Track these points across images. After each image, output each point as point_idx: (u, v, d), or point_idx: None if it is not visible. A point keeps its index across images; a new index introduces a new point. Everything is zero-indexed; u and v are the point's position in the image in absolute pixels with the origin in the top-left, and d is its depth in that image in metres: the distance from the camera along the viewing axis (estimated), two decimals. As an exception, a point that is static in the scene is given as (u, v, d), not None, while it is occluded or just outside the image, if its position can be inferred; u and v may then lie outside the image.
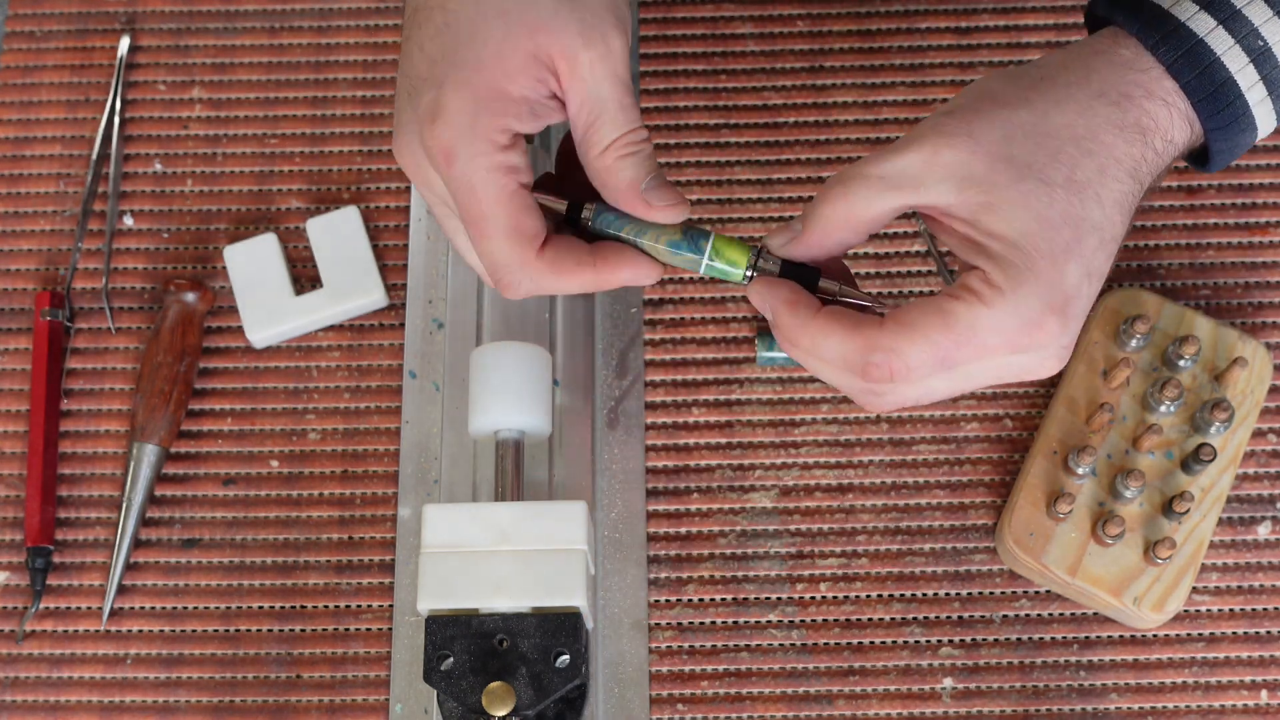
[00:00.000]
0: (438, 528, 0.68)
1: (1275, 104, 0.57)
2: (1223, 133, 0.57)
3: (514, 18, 0.55)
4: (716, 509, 0.76)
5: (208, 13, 0.86)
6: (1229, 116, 0.57)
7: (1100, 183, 0.54)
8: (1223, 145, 0.58)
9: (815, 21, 0.85)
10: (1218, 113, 0.56)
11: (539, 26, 0.55)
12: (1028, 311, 0.53)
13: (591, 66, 0.55)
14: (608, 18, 0.55)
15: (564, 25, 0.54)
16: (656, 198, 0.57)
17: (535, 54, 0.55)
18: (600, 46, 0.55)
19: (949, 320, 0.54)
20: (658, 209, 0.57)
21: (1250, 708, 0.72)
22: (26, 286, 0.81)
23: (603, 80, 0.55)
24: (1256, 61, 0.56)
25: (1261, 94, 0.57)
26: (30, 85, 0.85)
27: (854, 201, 0.55)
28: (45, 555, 0.75)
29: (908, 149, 0.55)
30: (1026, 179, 0.53)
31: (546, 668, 0.66)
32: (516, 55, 0.55)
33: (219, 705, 0.74)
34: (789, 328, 0.56)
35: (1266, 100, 0.57)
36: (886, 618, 0.74)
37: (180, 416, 0.77)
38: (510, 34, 0.55)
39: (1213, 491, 0.73)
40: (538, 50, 0.55)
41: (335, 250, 0.80)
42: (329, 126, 0.84)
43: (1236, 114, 0.57)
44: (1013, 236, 0.53)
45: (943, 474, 0.76)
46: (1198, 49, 0.56)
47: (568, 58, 0.55)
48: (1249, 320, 0.78)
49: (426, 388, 0.78)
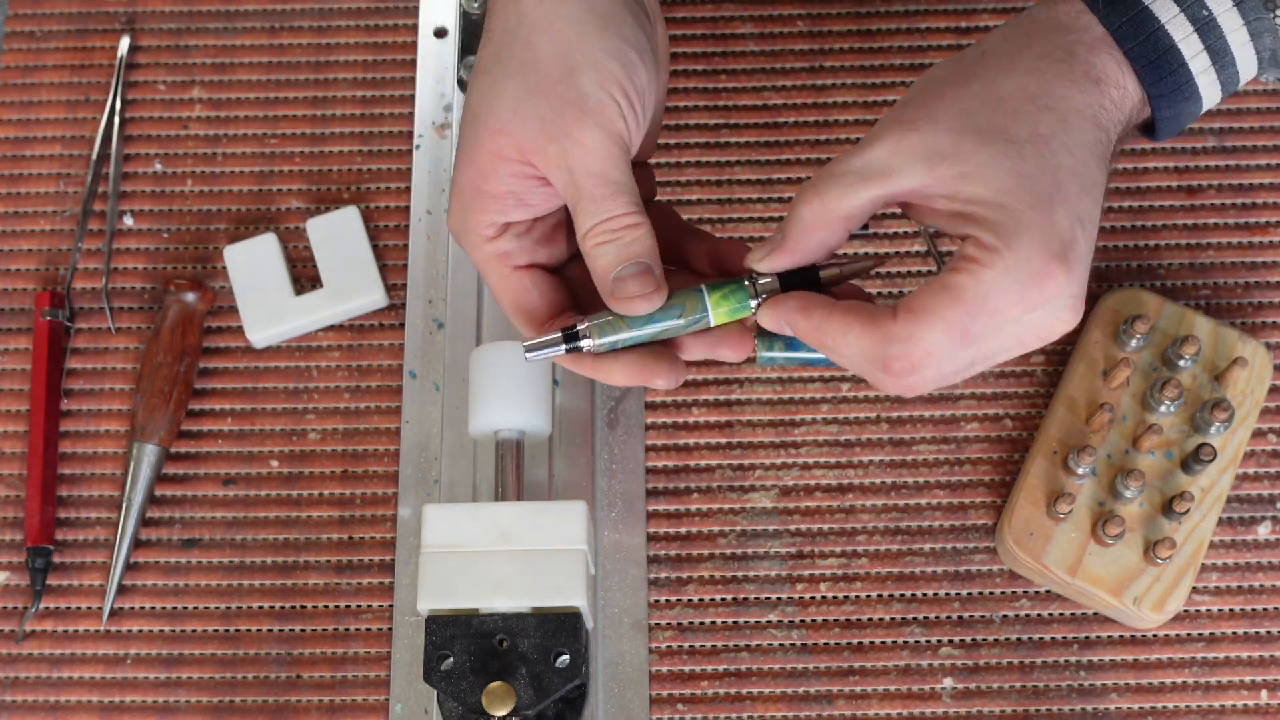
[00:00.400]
0: (438, 528, 0.68)
1: (1220, 75, 0.58)
2: (1166, 100, 0.57)
3: (481, 121, 0.57)
4: (716, 509, 0.76)
5: (208, 13, 0.86)
6: (1172, 84, 0.57)
7: (1065, 131, 0.55)
8: (1167, 113, 0.58)
9: (815, 21, 0.85)
10: (1160, 79, 0.57)
11: (499, 129, 0.57)
12: (1029, 264, 0.53)
13: (560, 159, 0.56)
14: (569, 111, 0.56)
15: (521, 125, 0.56)
16: (621, 288, 0.57)
17: (500, 154, 0.57)
18: (563, 140, 0.56)
19: (956, 294, 0.54)
20: (619, 300, 0.57)
21: (1250, 708, 0.72)
22: (26, 286, 0.81)
23: (573, 171, 0.56)
24: (1200, 31, 0.57)
25: (1205, 64, 0.57)
26: (30, 85, 0.85)
27: (828, 200, 0.56)
28: (45, 555, 0.75)
29: (873, 143, 0.55)
30: (992, 142, 0.54)
31: (546, 668, 0.66)
32: (484, 156, 0.58)
33: (219, 705, 0.74)
34: (808, 334, 0.57)
35: (1210, 70, 0.57)
36: (886, 618, 0.74)
37: (180, 416, 0.77)
38: (478, 137, 0.57)
39: (1213, 491, 0.73)
40: (501, 150, 0.57)
41: (335, 250, 0.80)
42: (329, 126, 0.84)
43: (1180, 82, 0.57)
44: (993, 197, 0.54)
45: (943, 474, 0.76)
46: (1141, 16, 0.56)
47: (535, 152, 0.57)
48: (1249, 320, 0.78)
49: (426, 388, 0.78)
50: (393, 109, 0.84)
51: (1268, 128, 0.82)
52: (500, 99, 0.57)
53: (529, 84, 0.56)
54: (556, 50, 0.56)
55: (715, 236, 0.63)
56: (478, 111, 0.57)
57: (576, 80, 0.56)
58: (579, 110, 0.56)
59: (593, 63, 0.56)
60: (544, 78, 0.56)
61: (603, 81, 0.56)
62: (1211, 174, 0.81)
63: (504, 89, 0.57)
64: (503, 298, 0.61)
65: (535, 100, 0.56)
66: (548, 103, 0.56)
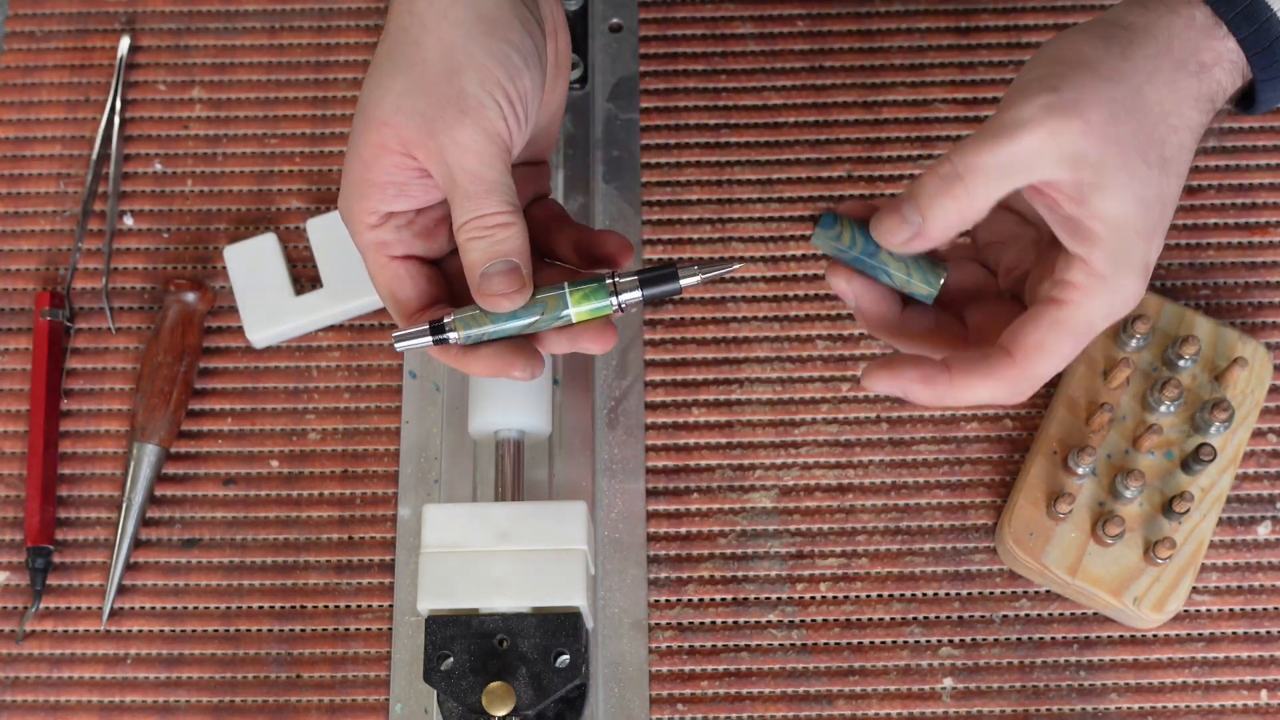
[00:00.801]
0: (438, 528, 0.68)
1: None
2: (1272, 83, 0.59)
3: (367, 114, 0.59)
4: (716, 509, 0.76)
5: (208, 13, 0.86)
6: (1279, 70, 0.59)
7: (1180, 158, 0.57)
8: (1271, 94, 0.60)
9: (815, 21, 0.85)
10: (1269, 65, 0.58)
11: (383, 121, 0.58)
12: (1126, 290, 0.57)
13: (438, 155, 0.58)
14: (449, 110, 0.57)
15: (404, 120, 0.58)
16: (488, 285, 0.58)
17: (383, 145, 0.59)
18: (441, 138, 0.57)
19: (1068, 329, 0.57)
20: (485, 296, 0.58)
21: (1250, 708, 0.72)
22: (26, 286, 0.81)
23: (449, 168, 0.58)
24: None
25: None
26: (30, 85, 0.85)
27: (975, 198, 0.56)
28: (45, 555, 0.75)
29: (1021, 132, 0.54)
30: (1131, 161, 0.55)
31: (546, 668, 0.66)
32: (368, 147, 0.59)
33: (219, 705, 0.74)
34: (935, 400, 0.58)
35: None
36: (886, 618, 0.74)
37: (180, 416, 0.78)
38: (365, 127, 0.59)
39: (1213, 491, 0.73)
40: (384, 141, 0.58)
41: (335, 250, 0.80)
42: (329, 126, 0.84)
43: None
44: (1117, 219, 0.55)
45: (943, 474, 0.76)
46: (1254, 6, 0.58)
47: (415, 146, 0.58)
48: (1249, 320, 0.78)
49: (426, 388, 0.78)
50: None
51: (1268, 128, 0.82)
52: (386, 94, 0.58)
53: (413, 80, 0.58)
54: (442, 50, 0.58)
55: (588, 228, 0.64)
56: (365, 104, 0.59)
57: (459, 80, 0.57)
58: (459, 110, 0.57)
59: (475, 64, 0.58)
60: (428, 76, 0.58)
61: (484, 83, 0.58)
62: (1211, 174, 0.81)
63: (390, 84, 0.58)
64: (378, 285, 0.62)
65: (417, 96, 0.58)
66: (429, 100, 0.57)
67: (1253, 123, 0.81)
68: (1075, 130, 0.54)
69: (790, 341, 0.79)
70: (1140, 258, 0.56)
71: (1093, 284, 0.56)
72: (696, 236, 0.81)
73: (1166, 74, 0.57)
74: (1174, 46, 0.57)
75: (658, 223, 0.81)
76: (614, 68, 0.84)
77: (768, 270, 0.80)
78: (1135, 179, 0.55)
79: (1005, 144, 0.54)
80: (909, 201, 0.56)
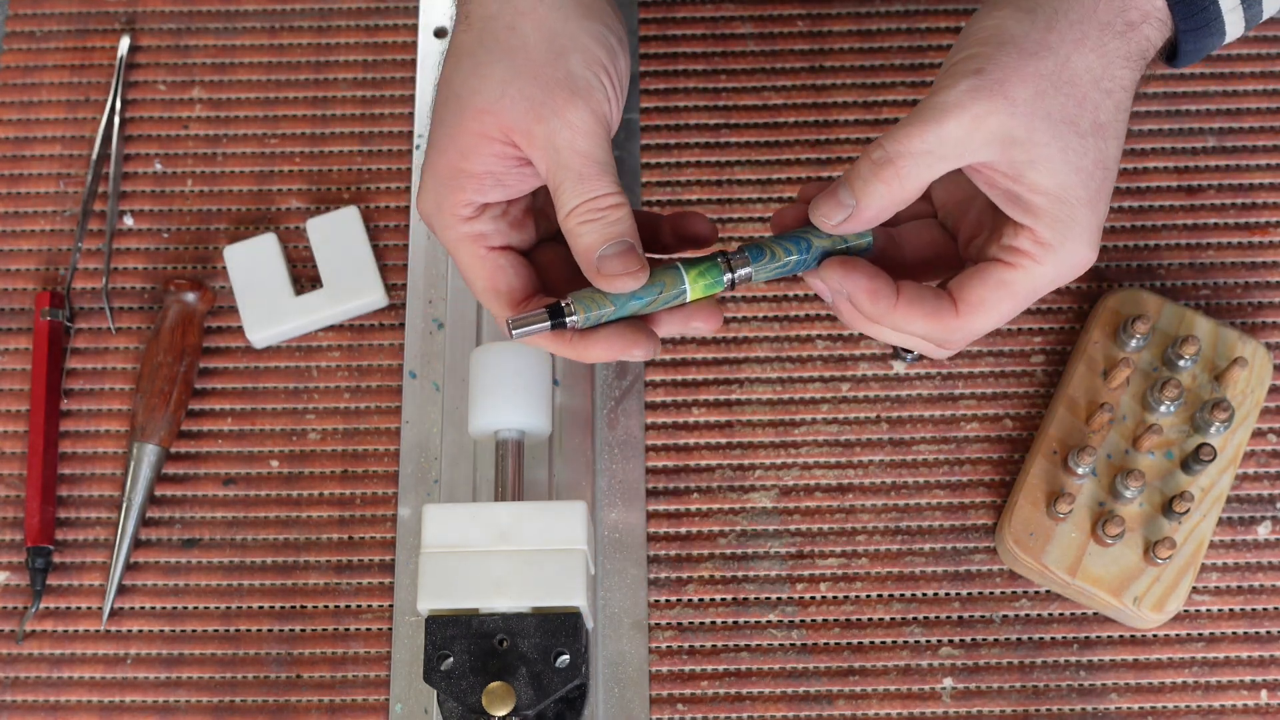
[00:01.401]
0: (438, 528, 0.68)
1: (1246, 12, 0.60)
2: (1193, 35, 0.60)
3: (465, 101, 0.58)
4: (716, 509, 0.76)
5: (208, 13, 0.86)
6: (1201, 20, 0.59)
7: (1117, 119, 0.58)
8: (1192, 46, 0.60)
9: (815, 21, 0.85)
10: (1192, 16, 0.59)
11: (485, 109, 0.58)
12: (1074, 256, 0.58)
13: (547, 139, 0.58)
14: (559, 92, 0.57)
15: (510, 106, 0.57)
16: (607, 265, 0.58)
17: (484, 134, 0.58)
18: (552, 121, 0.57)
19: (1012, 290, 0.58)
20: (605, 276, 0.58)
21: (1250, 708, 0.72)
22: (26, 286, 0.81)
23: (559, 150, 0.57)
24: None
25: (1234, 3, 0.59)
26: (30, 85, 0.85)
27: (907, 181, 0.57)
28: (45, 555, 0.75)
29: (947, 118, 0.56)
30: (1062, 133, 0.56)
31: (546, 668, 0.66)
32: (467, 136, 0.58)
33: (219, 705, 0.74)
34: (873, 315, 0.59)
35: (1238, 9, 0.60)
36: (886, 618, 0.74)
37: (180, 416, 0.78)
38: (461, 117, 0.58)
39: (1213, 491, 0.73)
40: (485, 130, 0.58)
41: (335, 250, 0.80)
42: (329, 126, 0.84)
43: (1209, 19, 0.59)
44: (1055, 190, 0.56)
45: (943, 474, 0.76)
46: None
47: (520, 133, 0.58)
48: (1249, 320, 0.78)
49: (426, 388, 0.78)
50: (393, 109, 0.84)
51: (1268, 128, 0.82)
52: (486, 81, 0.58)
53: (516, 66, 0.58)
54: (543, 34, 0.58)
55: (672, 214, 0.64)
56: (459, 92, 0.58)
57: (565, 62, 0.57)
58: (569, 91, 0.57)
59: (580, 46, 0.58)
60: (531, 60, 0.58)
61: (589, 64, 0.58)
62: (1211, 174, 0.81)
63: (490, 72, 0.58)
64: (477, 278, 0.61)
65: (523, 82, 0.57)
66: (537, 84, 0.57)
67: (1253, 122, 0.81)
68: (1001, 111, 0.55)
69: (790, 341, 0.79)
70: (1085, 224, 0.57)
71: (1039, 252, 0.58)
72: (696, 236, 0.81)
73: (1094, 39, 0.57)
74: (1099, 9, 0.57)
75: (658, 223, 0.81)
76: (614, 68, 0.84)
77: (768, 270, 0.80)
78: (1069, 150, 0.56)
79: (933, 128, 0.56)
80: (844, 186, 0.58)
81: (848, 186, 0.58)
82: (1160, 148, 0.81)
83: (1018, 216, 0.58)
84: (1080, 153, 0.56)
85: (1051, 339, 0.78)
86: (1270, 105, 0.82)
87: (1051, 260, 0.58)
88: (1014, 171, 0.56)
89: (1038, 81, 0.56)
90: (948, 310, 0.59)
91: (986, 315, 0.59)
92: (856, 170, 0.58)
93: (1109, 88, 0.57)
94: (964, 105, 0.56)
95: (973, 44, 0.57)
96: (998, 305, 0.59)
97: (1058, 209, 0.57)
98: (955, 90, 0.56)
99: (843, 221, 0.58)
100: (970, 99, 0.56)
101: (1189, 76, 0.82)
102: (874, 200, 0.58)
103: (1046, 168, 0.56)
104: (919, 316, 0.59)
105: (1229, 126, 0.82)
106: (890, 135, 0.57)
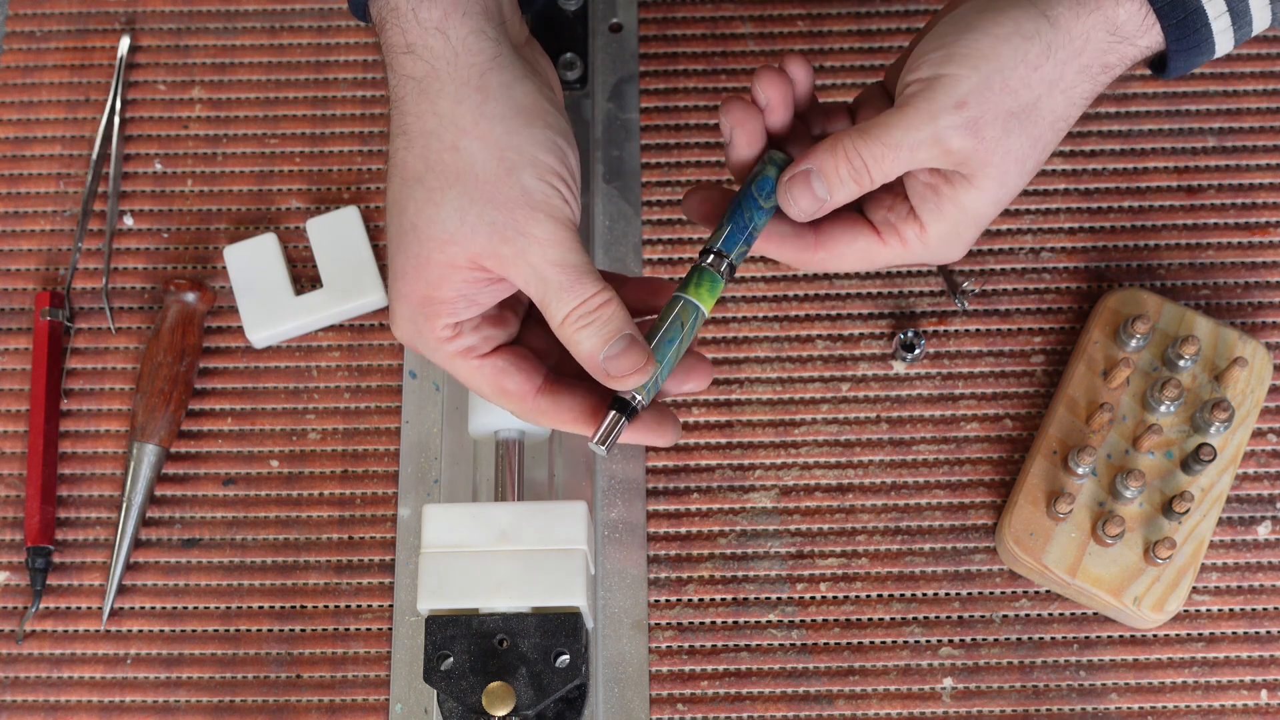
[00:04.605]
0: (438, 528, 0.68)
1: (1236, 33, 0.61)
2: (1185, 54, 0.61)
3: (424, 232, 0.57)
4: (716, 509, 0.76)
5: (208, 13, 0.86)
6: (1194, 41, 0.60)
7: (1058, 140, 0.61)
8: (1182, 62, 0.61)
9: (815, 21, 0.85)
10: (1184, 36, 0.60)
11: (448, 240, 0.57)
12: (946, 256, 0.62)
13: (518, 258, 0.57)
14: (518, 210, 0.56)
15: (472, 233, 0.56)
16: (614, 366, 0.58)
17: (450, 264, 0.57)
18: (518, 240, 0.56)
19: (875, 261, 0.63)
20: (616, 379, 0.58)
21: (1250, 708, 0.72)
22: (26, 286, 0.81)
23: (535, 267, 0.57)
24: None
25: (1225, 23, 0.60)
26: (30, 85, 0.85)
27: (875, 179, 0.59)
28: (45, 555, 0.75)
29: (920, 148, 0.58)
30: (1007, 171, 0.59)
31: (546, 668, 0.66)
32: (433, 267, 0.57)
33: (219, 705, 0.74)
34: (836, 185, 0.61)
35: (1229, 30, 0.60)
36: (886, 618, 0.74)
37: (180, 416, 0.78)
38: (424, 248, 0.57)
39: (1213, 491, 0.73)
40: (452, 260, 0.57)
41: (335, 250, 0.80)
42: (329, 126, 0.84)
43: (1201, 39, 0.60)
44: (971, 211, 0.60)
45: (943, 474, 0.76)
46: None
47: (488, 257, 0.57)
48: (1249, 320, 0.78)
49: (426, 388, 0.78)
50: (393, 109, 0.84)
51: (1268, 128, 0.82)
52: (441, 209, 0.57)
53: (469, 192, 0.56)
54: (490, 152, 0.57)
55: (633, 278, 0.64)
56: (416, 223, 0.57)
57: (518, 178, 0.56)
58: (528, 207, 0.56)
59: (529, 160, 0.57)
60: (483, 183, 0.56)
61: (542, 175, 0.57)
62: (1211, 174, 0.81)
63: (443, 199, 0.57)
64: (482, 387, 0.61)
65: (480, 207, 0.56)
66: (494, 206, 0.56)
67: (1253, 122, 0.81)
68: (970, 144, 0.58)
69: (790, 341, 0.79)
70: (971, 234, 0.62)
71: (917, 245, 0.61)
72: (697, 236, 0.81)
73: (1068, 82, 0.59)
74: (1085, 52, 0.59)
75: (658, 223, 0.81)
76: (614, 68, 0.84)
77: (767, 270, 0.80)
78: (1004, 186, 0.60)
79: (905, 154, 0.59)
80: (819, 181, 0.60)
81: (824, 183, 0.59)
82: (1160, 148, 0.81)
83: (920, 211, 0.61)
84: (1012, 188, 0.60)
85: (1051, 339, 0.78)
86: (1270, 105, 0.82)
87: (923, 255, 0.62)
88: (950, 181, 0.60)
89: (1007, 121, 0.58)
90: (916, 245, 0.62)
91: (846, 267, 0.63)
92: (835, 171, 0.59)
93: (1061, 127, 0.60)
94: (940, 139, 0.58)
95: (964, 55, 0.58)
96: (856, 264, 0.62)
97: (960, 221, 0.60)
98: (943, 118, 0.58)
99: (816, 211, 0.60)
100: (948, 135, 0.58)
101: (1189, 77, 0.82)
102: (845, 196, 0.60)
103: (979, 194, 0.59)
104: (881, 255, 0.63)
105: (1229, 126, 0.82)
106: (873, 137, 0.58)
